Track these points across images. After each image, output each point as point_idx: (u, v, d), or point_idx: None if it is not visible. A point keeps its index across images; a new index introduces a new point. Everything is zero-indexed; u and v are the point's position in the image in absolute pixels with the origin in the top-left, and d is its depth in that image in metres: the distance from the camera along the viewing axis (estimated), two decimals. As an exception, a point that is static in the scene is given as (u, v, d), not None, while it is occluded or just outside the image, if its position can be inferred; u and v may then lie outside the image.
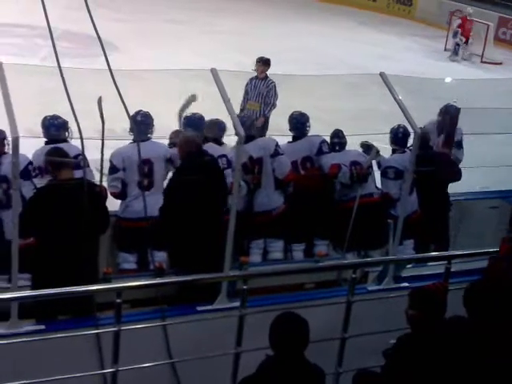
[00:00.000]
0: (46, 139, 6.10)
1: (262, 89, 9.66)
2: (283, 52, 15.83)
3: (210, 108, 6.19)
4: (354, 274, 4.92)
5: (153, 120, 6.20)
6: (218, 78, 5.02)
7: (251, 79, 9.75)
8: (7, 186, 5.47)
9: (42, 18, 4.93)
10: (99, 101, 5.01)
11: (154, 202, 5.72)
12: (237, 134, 4.85)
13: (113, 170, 5.99)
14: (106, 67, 5.33)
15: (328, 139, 6.89)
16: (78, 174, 5.32)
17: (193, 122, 6.43)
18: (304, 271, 5.74)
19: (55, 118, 6.16)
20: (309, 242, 6.76)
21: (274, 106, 9.74)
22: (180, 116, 6.44)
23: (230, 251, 4.90)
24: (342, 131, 6.96)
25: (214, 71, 5.03)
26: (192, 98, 6.63)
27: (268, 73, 9.81)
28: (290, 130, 6.87)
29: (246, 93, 9.73)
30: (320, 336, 4.24)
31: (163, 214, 5.66)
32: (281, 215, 6.55)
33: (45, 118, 6.19)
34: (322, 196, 6.75)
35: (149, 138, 6.12)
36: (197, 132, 6.14)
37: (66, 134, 6.07)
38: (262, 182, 6.47)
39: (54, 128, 6.09)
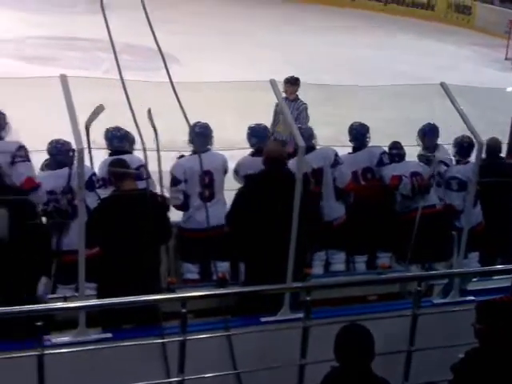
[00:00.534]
0: (109, 150, 6.19)
1: (292, 111, 8.70)
2: (339, 63, 15.84)
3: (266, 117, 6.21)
4: (420, 287, 4.86)
5: (212, 131, 6.23)
6: (278, 89, 5.03)
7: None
8: (72, 196, 5.57)
9: (102, 32, 5.03)
10: (149, 112, 5.09)
11: (216, 213, 5.77)
12: (297, 145, 4.84)
13: (174, 181, 6.02)
14: (167, 80, 5.42)
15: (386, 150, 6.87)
16: (141, 184, 5.40)
17: (258, 133, 6.44)
18: (368, 283, 5.70)
19: (118, 129, 6.25)
20: (371, 254, 6.72)
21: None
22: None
23: (292, 262, 4.90)
24: (399, 142, 6.92)
25: (273, 82, 5.04)
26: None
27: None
28: (350, 140, 6.84)
29: (276, 114, 8.77)
30: (384, 349, 4.20)
31: (231, 222, 5.61)
32: (342, 226, 6.53)
33: (107, 129, 6.28)
34: (383, 207, 6.70)
35: (208, 150, 6.14)
36: (261, 142, 6.18)
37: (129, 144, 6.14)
38: (322, 193, 6.46)
39: (117, 140, 6.18)
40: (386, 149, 6.86)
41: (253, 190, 5.47)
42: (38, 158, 5.90)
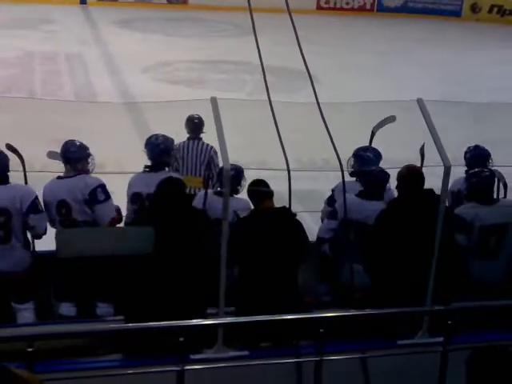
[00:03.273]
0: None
1: None
2: (486, 79, 15.32)
3: (413, 139, 6.11)
4: None
5: None
6: (425, 109, 4.94)
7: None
8: None
9: (246, 55, 5.15)
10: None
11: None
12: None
13: (332, 200, 5.95)
14: (307, 100, 5.47)
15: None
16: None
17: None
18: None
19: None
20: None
21: None
22: (373, 133, 6.32)
23: (432, 285, 4.79)
24: None
25: (420, 102, 4.95)
26: (390, 119, 6.51)
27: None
28: None
29: None
30: None
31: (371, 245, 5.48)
32: None
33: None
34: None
35: None
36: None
37: None
38: None
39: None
40: None
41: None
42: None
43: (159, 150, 5.97)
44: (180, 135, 6.99)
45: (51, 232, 5.41)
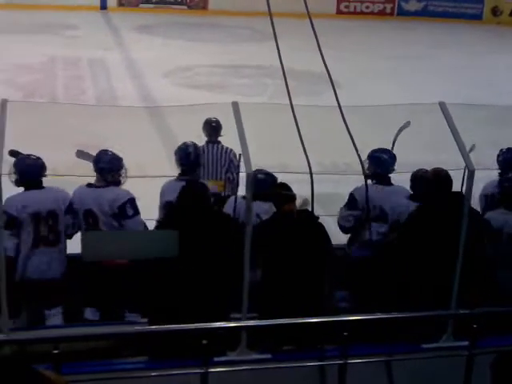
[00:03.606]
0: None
1: None
2: (508, 83, 15.24)
3: (435, 142, 6.08)
4: None
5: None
6: (447, 112, 4.92)
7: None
8: None
9: (266, 59, 5.17)
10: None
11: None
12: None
13: (352, 204, 5.89)
14: (328, 103, 5.48)
15: None
16: None
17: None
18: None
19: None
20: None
21: None
22: (394, 142, 6.32)
23: (457, 289, 4.76)
24: None
25: (442, 105, 4.93)
26: (405, 125, 6.49)
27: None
28: None
29: None
30: None
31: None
32: None
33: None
34: None
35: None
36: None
37: None
38: None
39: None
40: None
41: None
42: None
43: (190, 158, 6.01)
44: (202, 139, 7.01)
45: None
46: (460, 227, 4.74)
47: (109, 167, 5.51)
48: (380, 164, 5.95)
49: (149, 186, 6.13)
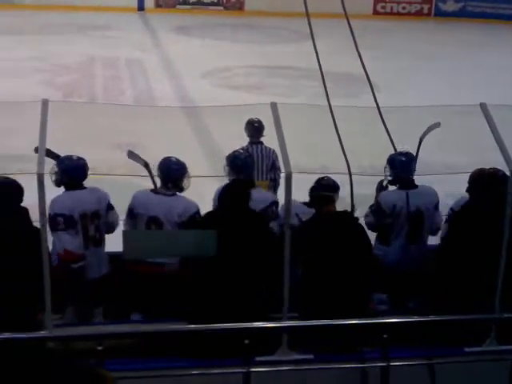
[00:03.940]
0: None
1: None
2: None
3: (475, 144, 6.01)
4: None
5: None
6: (488, 113, 4.88)
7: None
8: None
9: (304, 60, 5.17)
10: None
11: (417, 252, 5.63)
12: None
13: (380, 212, 5.79)
14: (367, 104, 5.47)
15: None
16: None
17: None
18: None
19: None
20: None
21: None
22: (421, 141, 6.26)
23: (500, 291, 4.71)
24: None
25: (483, 106, 4.90)
26: (435, 125, 6.41)
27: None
28: None
29: None
30: None
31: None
32: None
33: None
34: None
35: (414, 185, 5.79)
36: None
37: None
38: None
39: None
40: None
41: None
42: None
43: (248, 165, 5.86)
44: (244, 139, 7.03)
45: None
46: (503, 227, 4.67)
47: (177, 175, 5.46)
48: (399, 167, 5.76)
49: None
